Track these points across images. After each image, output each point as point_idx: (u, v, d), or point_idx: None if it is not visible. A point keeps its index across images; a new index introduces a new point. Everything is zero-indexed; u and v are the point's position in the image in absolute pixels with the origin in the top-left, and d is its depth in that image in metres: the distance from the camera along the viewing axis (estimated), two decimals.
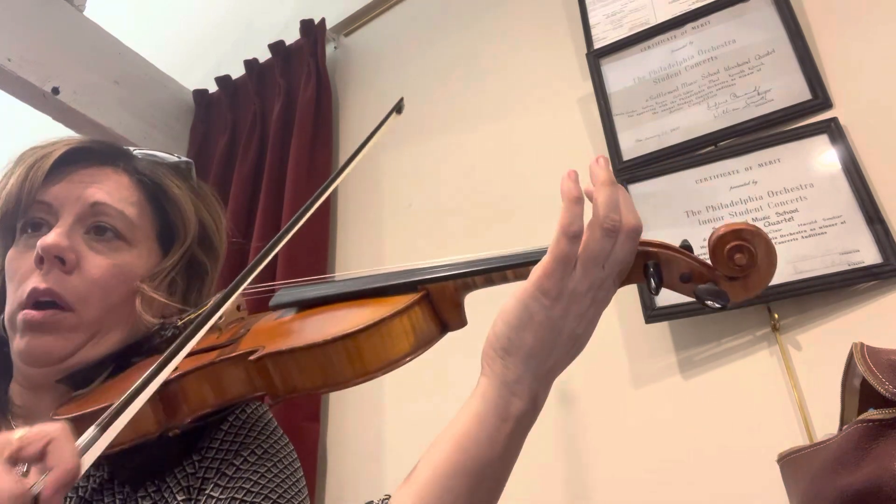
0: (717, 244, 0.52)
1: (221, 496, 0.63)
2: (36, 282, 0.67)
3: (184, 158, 0.82)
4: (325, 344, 0.53)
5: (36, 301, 0.67)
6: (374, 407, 1.49)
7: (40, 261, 0.68)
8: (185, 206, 0.79)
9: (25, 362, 0.69)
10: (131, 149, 0.80)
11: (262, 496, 0.64)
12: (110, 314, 0.71)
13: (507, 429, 0.51)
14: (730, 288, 0.53)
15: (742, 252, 0.52)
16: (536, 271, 0.52)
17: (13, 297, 0.69)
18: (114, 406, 0.48)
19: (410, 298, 0.55)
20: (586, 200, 0.52)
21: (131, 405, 0.48)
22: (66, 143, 0.75)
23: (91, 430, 0.47)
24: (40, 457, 0.43)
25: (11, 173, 0.72)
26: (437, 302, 0.57)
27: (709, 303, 0.52)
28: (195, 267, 0.80)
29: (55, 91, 1.72)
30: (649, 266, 0.54)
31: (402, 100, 0.73)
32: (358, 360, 0.53)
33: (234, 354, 0.57)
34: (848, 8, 1.24)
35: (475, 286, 0.57)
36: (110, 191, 0.74)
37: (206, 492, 0.64)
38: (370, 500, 0.55)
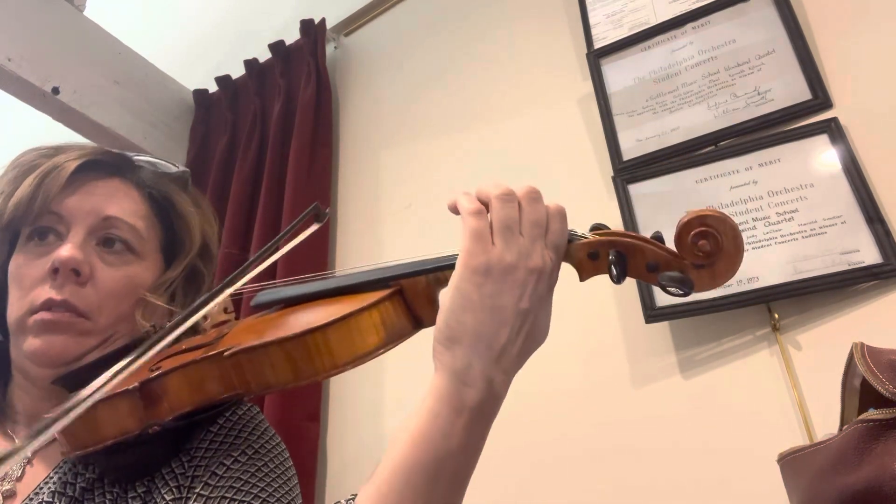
0: (682, 231, 0.53)
1: (212, 494, 0.63)
2: (51, 293, 0.69)
3: (182, 168, 0.84)
4: (294, 338, 0.54)
5: (51, 308, 0.69)
6: (374, 407, 1.49)
7: (55, 272, 0.69)
8: (191, 221, 0.82)
9: (38, 362, 0.70)
10: (131, 156, 0.81)
11: (252, 494, 0.63)
12: (120, 323, 0.73)
13: (462, 421, 0.50)
14: (697, 276, 0.53)
15: (706, 238, 0.52)
16: (461, 255, 0.53)
17: (20, 302, 0.71)
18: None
19: (381, 294, 0.57)
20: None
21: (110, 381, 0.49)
22: (78, 155, 0.76)
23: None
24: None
25: (20, 180, 0.73)
26: (409, 297, 0.59)
27: (672, 290, 0.53)
28: (195, 277, 0.82)
29: (55, 91, 1.72)
30: (610, 255, 0.55)
31: (316, 205, 0.71)
32: (327, 353, 0.54)
33: (212, 353, 0.58)
34: (848, 8, 1.24)
35: (448, 281, 0.57)
36: (121, 204, 0.76)
37: (196, 490, 0.64)
38: (338, 501, 0.55)
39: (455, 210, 0.56)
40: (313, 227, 0.71)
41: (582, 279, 0.58)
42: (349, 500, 0.53)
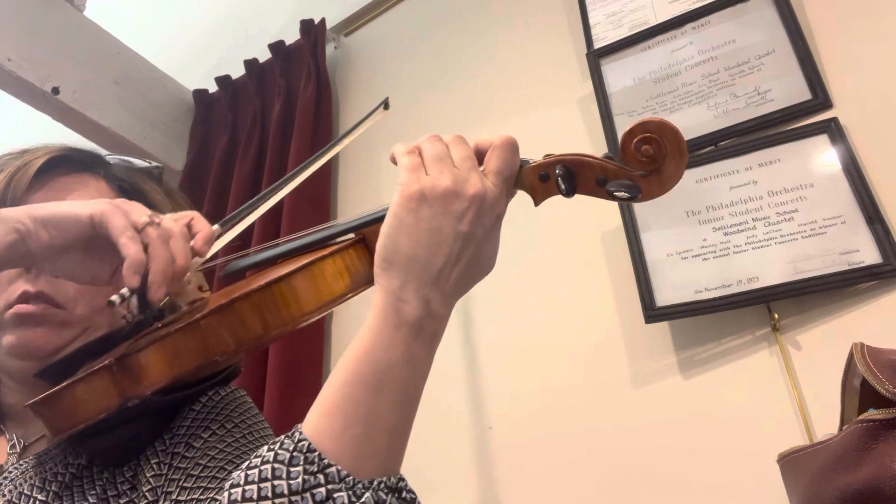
0: (625, 139, 0.55)
1: (189, 465, 0.64)
2: (26, 285, 0.69)
3: (155, 164, 0.85)
4: (260, 289, 0.55)
5: (28, 301, 0.69)
6: None
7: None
8: (163, 211, 0.81)
9: (18, 356, 0.70)
10: (104, 154, 0.82)
11: (227, 461, 0.64)
12: (97, 314, 0.73)
13: (401, 334, 0.52)
14: (646, 184, 0.55)
15: (649, 143, 0.54)
16: (398, 187, 0.56)
17: None
18: (237, 210, 0.62)
19: (344, 243, 0.60)
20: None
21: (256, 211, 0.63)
22: (45, 152, 0.76)
23: (216, 226, 0.61)
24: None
25: None
26: (372, 244, 0.61)
27: (619, 194, 0.55)
28: None
29: (55, 91, 1.72)
30: (558, 170, 0.57)
31: (387, 98, 0.77)
32: (294, 301, 0.55)
33: (186, 322, 0.58)
34: (848, 8, 1.24)
35: None
36: (92, 197, 0.76)
37: (174, 464, 0.64)
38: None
39: (395, 161, 0.59)
40: (380, 112, 0.78)
41: (536, 203, 0.60)
42: (297, 427, 0.52)
